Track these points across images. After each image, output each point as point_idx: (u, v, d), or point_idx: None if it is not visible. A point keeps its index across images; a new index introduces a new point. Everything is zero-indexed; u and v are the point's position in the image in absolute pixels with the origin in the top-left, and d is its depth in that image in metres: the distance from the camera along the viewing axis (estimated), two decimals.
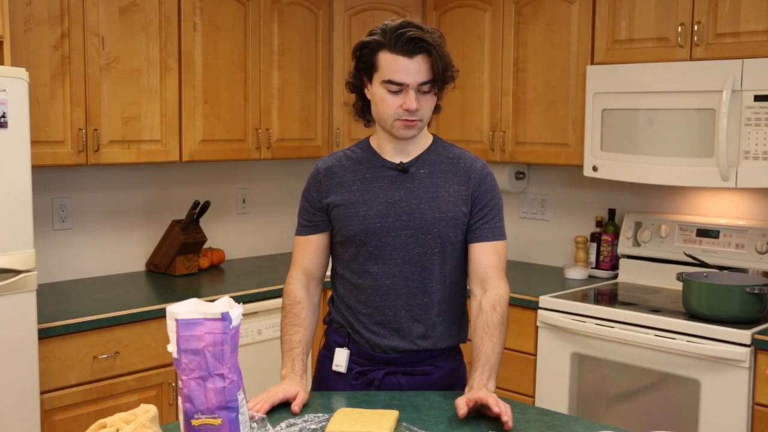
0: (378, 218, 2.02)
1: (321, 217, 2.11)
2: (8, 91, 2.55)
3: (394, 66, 1.93)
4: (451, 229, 2.03)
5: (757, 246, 3.27)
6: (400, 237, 2.02)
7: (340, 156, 2.13)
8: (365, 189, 2.05)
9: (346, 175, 2.08)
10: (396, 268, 2.03)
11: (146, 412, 1.60)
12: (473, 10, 3.82)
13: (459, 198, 2.04)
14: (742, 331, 2.79)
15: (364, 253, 2.04)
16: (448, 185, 2.05)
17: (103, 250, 3.63)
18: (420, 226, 2.02)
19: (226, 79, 3.59)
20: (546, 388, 3.29)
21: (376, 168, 2.07)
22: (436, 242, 2.03)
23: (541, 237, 4.05)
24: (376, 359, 2.08)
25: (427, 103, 1.99)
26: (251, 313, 3.35)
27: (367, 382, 2.08)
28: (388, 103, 1.97)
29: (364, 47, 1.99)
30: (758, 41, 3.00)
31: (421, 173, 2.06)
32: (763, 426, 2.76)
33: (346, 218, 2.05)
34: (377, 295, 2.05)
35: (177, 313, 1.51)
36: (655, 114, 3.21)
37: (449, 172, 2.07)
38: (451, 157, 2.10)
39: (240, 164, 4.09)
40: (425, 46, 1.92)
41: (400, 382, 2.07)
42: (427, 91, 1.97)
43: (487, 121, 3.81)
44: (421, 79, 1.94)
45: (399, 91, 1.95)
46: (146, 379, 3.03)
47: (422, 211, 2.02)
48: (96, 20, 3.14)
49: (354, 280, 2.08)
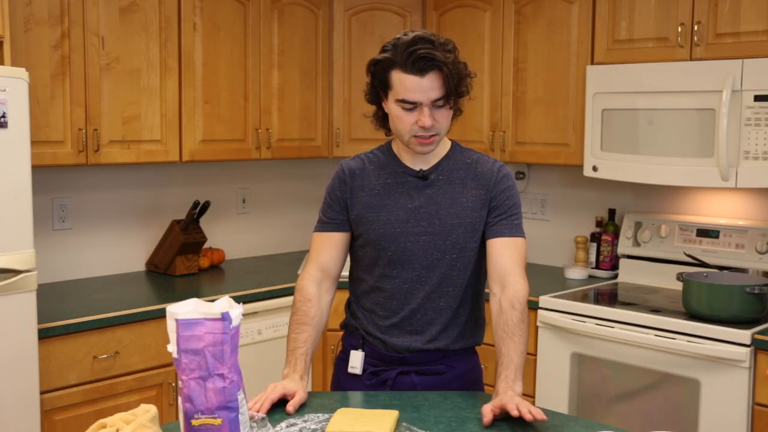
0: (398, 223, 2.05)
1: (343, 216, 2.12)
2: (8, 91, 2.55)
3: (407, 85, 1.94)
4: (469, 234, 2.05)
5: (757, 246, 3.27)
6: (419, 242, 2.04)
7: (363, 159, 2.15)
8: (387, 194, 2.08)
9: (368, 178, 2.11)
10: (414, 273, 2.05)
11: (146, 412, 1.60)
12: (473, 10, 3.82)
13: (477, 202, 2.06)
14: (742, 331, 2.79)
15: (384, 257, 2.07)
16: (467, 191, 2.07)
17: (103, 250, 3.63)
18: (439, 232, 2.04)
19: (226, 79, 3.59)
20: (546, 388, 3.29)
21: (397, 174, 2.10)
22: (454, 248, 2.05)
23: (541, 237, 4.05)
24: (389, 359, 2.09)
25: (443, 116, 1.99)
26: (251, 313, 3.34)
27: (380, 382, 2.09)
28: (403, 120, 1.98)
29: (376, 65, 2.00)
30: (758, 41, 3.00)
31: (440, 180, 2.08)
32: (763, 426, 2.76)
33: (368, 222, 2.07)
34: (394, 299, 2.07)
35: (177, 313, 1.51)
36: (655, 114, 3.21)
37: (467, 177, 2.09)
38: (469, 162, 2.11)
39: (240, 164, 4.09)
40: (436, 63, 1.92)
41: (414, 382, 2.07)
42: (442, 105, 1.97)
43: (487, 121, 3.81)
44: (434, 96, 1.94)
45: (413, 108, 1.96)
46: (146, 379, 3.03)
47: (441, 217, 2.05)
48: (96, 20, 3.14)
49: (372, 283, 2.10)
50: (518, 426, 1.82)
